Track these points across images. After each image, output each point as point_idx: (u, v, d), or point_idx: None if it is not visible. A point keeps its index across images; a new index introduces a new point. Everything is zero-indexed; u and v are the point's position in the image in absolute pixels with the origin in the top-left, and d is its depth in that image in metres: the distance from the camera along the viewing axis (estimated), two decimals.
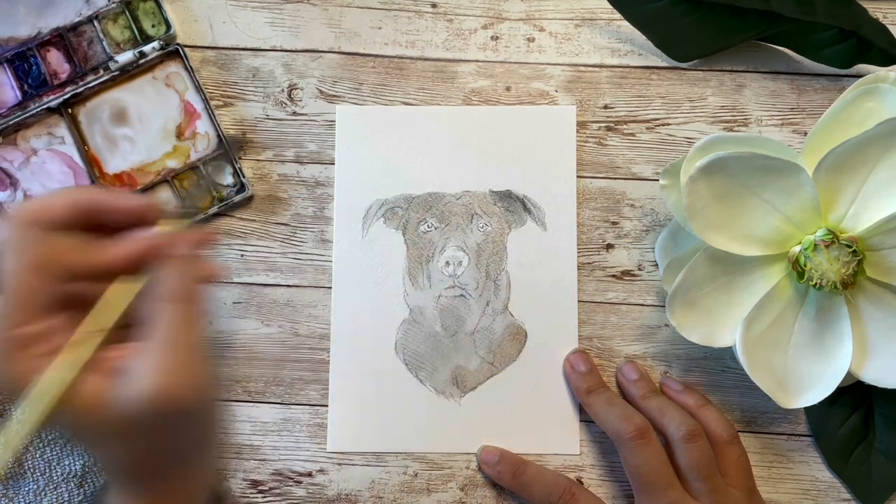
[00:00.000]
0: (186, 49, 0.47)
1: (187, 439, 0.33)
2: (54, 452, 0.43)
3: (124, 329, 0.32)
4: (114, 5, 0.47)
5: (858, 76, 0.40)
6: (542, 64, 0.48)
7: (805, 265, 0.39)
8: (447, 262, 0.46)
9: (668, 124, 0.47)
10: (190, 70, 0.47)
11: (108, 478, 0.34)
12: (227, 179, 0.47)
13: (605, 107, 0.47)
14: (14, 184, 0.46)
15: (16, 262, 0.30)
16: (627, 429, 0.41)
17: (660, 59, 0.48)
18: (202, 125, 0.47)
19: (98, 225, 0.32)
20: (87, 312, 0.31)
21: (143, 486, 0.33)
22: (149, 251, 0.31)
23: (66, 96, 0.46)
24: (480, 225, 0.46)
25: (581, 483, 0.45)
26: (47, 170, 0.46)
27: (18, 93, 0.47)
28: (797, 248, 0.40)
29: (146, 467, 0.33)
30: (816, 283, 0.39)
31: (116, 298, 0.31)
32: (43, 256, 0.30)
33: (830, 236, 0.39)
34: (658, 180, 0.46)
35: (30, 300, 0.30)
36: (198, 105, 0.47)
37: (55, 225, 0.31)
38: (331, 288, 0.46)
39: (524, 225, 0.47)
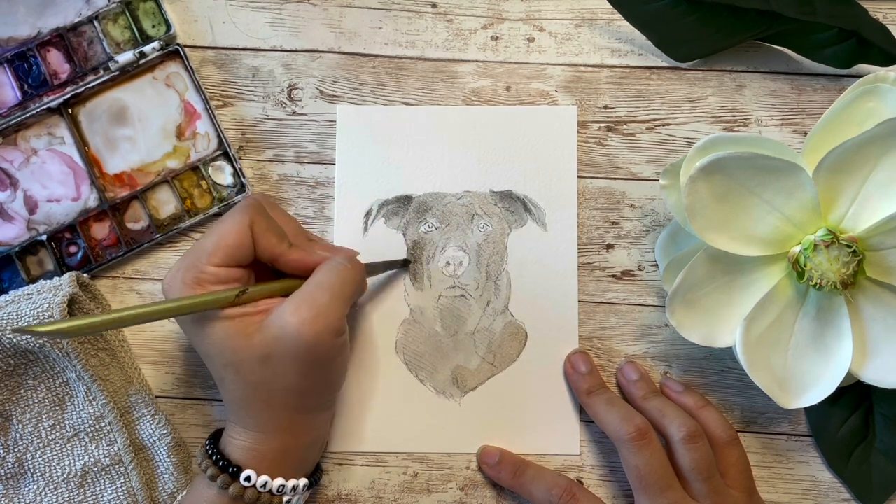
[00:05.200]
0: (186, 49, 0.47)
1: (312, 380, 0.38)
2: (54, 452, 0.43)
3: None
4: (114, 5, 0.47)
5: (858, 76, 0.40)
6: (542, 64, 0.48)
7: (805, 265, 0.39)
8: (447, 262, 0.46)
9: (668, 124, 0.47)
10: (190, 70, 0.47)
11: (237, 410, 0.39)
12: (227, 179, 0.47)
13: (605, 107, 0.47)
14: (14, 184, 0.46)
15: (238, 218, 0.38)
16: (627, 429, 0.41)
17: (660, 59, 0.48)
18: (202, 125, 0.47)
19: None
20: (253, 279, 0.39)
21: (267, 420, 0.38)
22: (321, 260, 0.39)
23: (66, 96, 0.46)
24: (481, 225, 0.46)
25: (581, 483, 0.45)
26: (47, 170, 0.46)
27: (18, 93, 0.47)
28: (797, 248, 0.40)
29: (276, 398, 0.38)
30: (816, 283, 0.39)
31: (280, 285, 0.39)
32: (258, 227, 0.38)
33: (830, 236, 0.39)
34: (658, 180, 0.46)
35: (232, 250, 0.38)
36: (198, 105, 0.47)
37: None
38: None
39: (525, 225, 0.47)
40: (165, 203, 0.47)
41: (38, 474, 0.43)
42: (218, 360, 0.38)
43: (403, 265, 0.46)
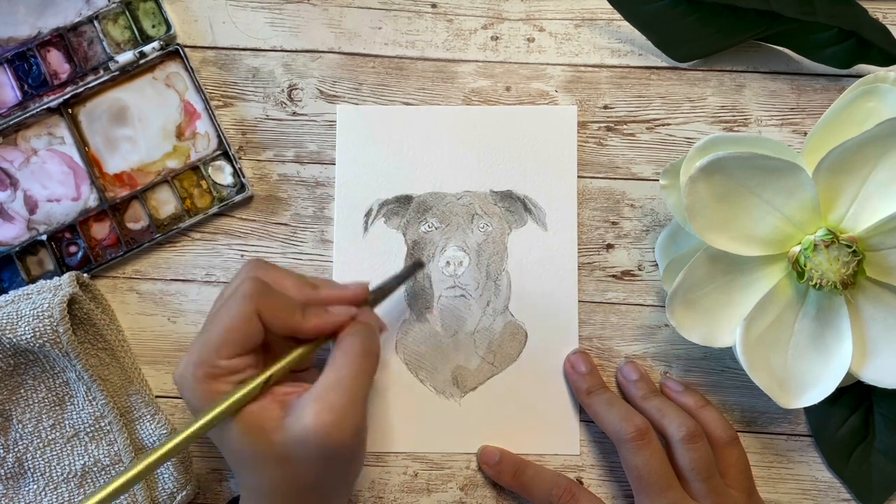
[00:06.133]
0: (186, 49, 0.47)
1: (332, 478, 0.37)
2: (54, 452, 0.43)
3: (299, 372, 0.39)
4: (114, 5, 0.47)
5: (858, 76, 0.40)
6: (542, 64, 0.48)
7: (805, 265, 0.39)
8: (448, 262, 0.46)
9: (668, 124, 0.47)
10: (190, 70, 0.47)
11: (255, 500, 0.38)
12: (227, 179, 0.47)
13: (605, 107, 0.47)
14: (14, 184, 0.46)
15: (244, 307, 0.36)
16: (627, 429, 0.41)
17: (660, 59, 0.48)
18: (202, 125, 0.47)
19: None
20: (268, 356, 0.38)
21: None
22: (339, 325, 0.38)
23: (66, 96, 0.46)
24: (481, 225, 0.46)
25: (581, 483, 0.45)
26: (47, 170, 0.46)
27: (18, 93, 0.47)
28: (797, 248, 0.40)
29: (293, 496, 0.37)
30: (816, 283, 0.39)
31: (298, 354, 0.38)
32: (266, 309, 0.36)
33: (830, 236, 0.39)
34: (658, 180, 0.46)
35: (241, 341, 0.36)
36: (198, 105, 0.47)
37: (282, 292, 0.38)
38: None
39: (525, 225, 0.47)
40: (165, 203, 0.47)
41: (38, 474, 0.43)
42: (237, 457, 0.37)
43: (417, 266, 0.45)
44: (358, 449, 0.38)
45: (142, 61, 0.47)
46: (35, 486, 0.43)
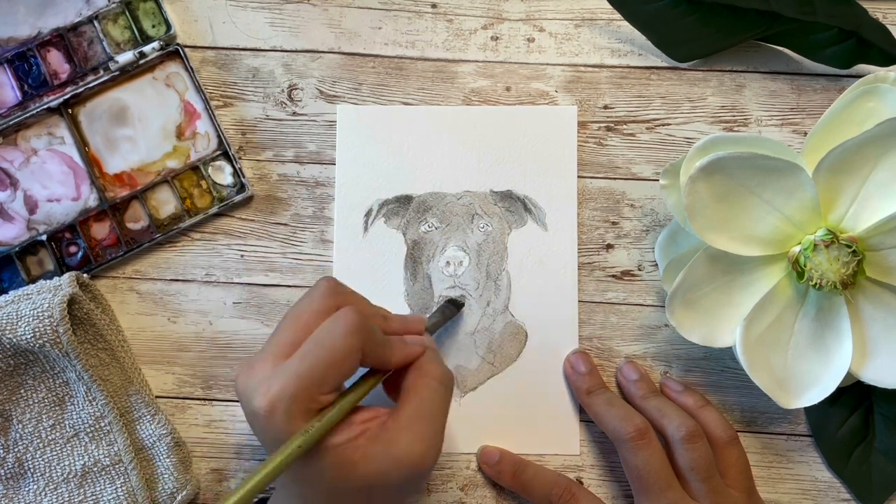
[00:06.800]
0: (186, 49, 0.47)
1: (402, 497, 0.38)
2: (54, 452, 0.43)
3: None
4: (114, 5, 0.47)
5: (858, 76, 0.41)
6: (542, 64, 0.48)
7: (805, 265, 0.39)
8: (448, 262, 0.46)
9: (668, 124, 0.47)
10: (190, 70, 0.47)
11: None
12: (227, 179, 0.47)
13: (605, 107, 0.47)
14: (14, 184, 0.46)
15: (349, 342, 0.35)
16: (627, 429, 0.41)
17: (660, 59, 0.48)
18: (202, 125, 0.47)
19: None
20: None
21: None
22: (417, 356, 0.38)
23: (66, 96, 0.46)
24: (481, 225, 0.46)
25: (581, 483, 0.45)
26: (47, 170, 0.46)
27: (18, 93, 0.47)
28: (797, 248, 0.40)
29: None
30: (816, 283, 0.39)
31: (371, 384, 0.38)
32: (366, 343, 0.36)
33: (830, 236, 0.39)
34: (658, 180, 0.46)
35: (342, 377, 0.35)
36: (198, 105, 0.47)
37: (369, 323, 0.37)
38: None
39: (525, 225, 0.47)
40: (165, 203, 0.47)
41: (38, 474, 0.43)
42: (317, 489, 0.36)
43: (458, 306, 0.45)
44: (429, 474, 0.39)
45: (142, 61, 0.47)
46: (35, 486, 0.43)
